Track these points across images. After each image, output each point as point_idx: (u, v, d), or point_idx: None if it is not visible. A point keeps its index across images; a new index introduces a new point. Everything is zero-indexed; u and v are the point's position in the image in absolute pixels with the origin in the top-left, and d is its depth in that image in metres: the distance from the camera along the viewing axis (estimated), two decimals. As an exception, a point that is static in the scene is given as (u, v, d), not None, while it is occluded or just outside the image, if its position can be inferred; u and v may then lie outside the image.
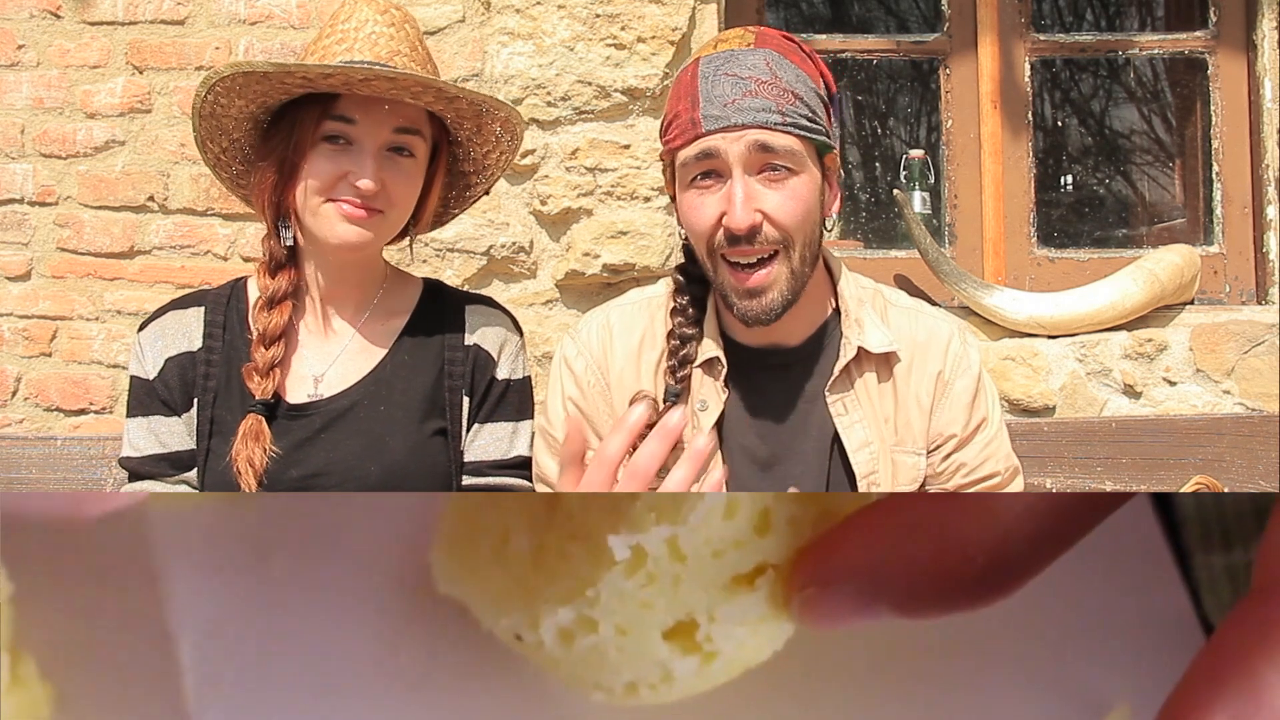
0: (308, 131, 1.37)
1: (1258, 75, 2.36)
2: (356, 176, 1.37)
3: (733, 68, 1.29)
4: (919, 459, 1.38)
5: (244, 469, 1.35)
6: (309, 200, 1.39)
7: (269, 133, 1.43)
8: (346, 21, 1.42)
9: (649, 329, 1.43)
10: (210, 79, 1.36)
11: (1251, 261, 2.37)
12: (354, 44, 1.39)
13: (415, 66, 1.40)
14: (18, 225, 2.28)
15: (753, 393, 1.39)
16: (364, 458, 1.41)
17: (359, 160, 1.37)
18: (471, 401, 1.48)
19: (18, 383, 2.26)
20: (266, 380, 1.40)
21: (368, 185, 1.37)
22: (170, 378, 1.45)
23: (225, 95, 1.38)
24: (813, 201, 1.31)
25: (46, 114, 2.28)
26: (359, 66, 1.33)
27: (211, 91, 1.37)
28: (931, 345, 1.40)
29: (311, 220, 1.41)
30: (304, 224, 1.43)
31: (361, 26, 1.40)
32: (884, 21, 3.16)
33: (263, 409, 1.39)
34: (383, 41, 1.39)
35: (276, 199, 1.42)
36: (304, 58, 1.43)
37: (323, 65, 1.33)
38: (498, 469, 1.48)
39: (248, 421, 1.38)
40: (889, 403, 1.38)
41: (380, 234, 1.43)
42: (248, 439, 1.36)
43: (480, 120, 1.46)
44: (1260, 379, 2.21)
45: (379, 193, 1.38)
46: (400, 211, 1.43)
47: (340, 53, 1.39)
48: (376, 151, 1.38)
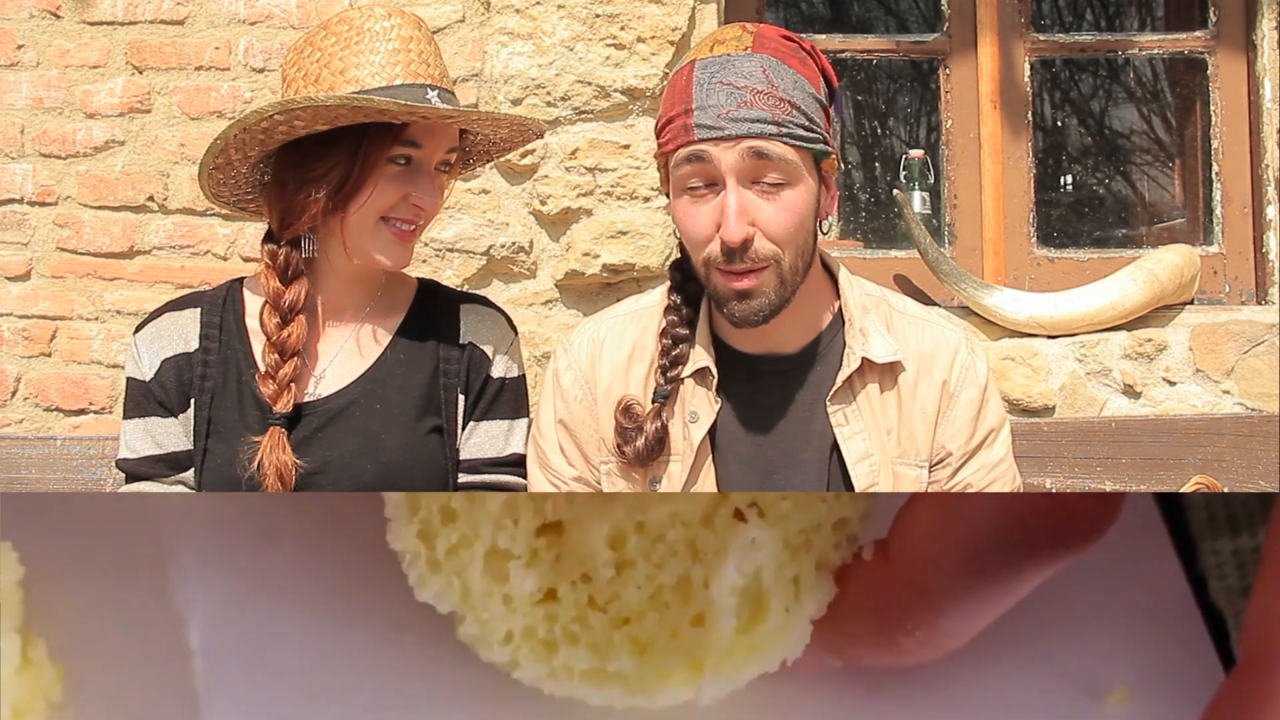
0: (377, 154, 1.38)
1: (1258, 75, 2.36)
2: (417, 197, 1.41)
3: (728, 75, 1.27)
4: (921, 471, 1.35)
5: (274, 484, 1.35)
6: (365, 220, 1.40)
7: (317, 153, 1.39)
8: (387, 38, 1.39)
9: (639, 341, 1.42)
10: (289, 104, 1.33)
11: (1251, 261, 2.37)
12: (410, 63, 1.39)
13: (447, 82, 1.44)
14: (18, 225, 2.28)
15: (750, 401, 1.37)
16: (360, 456, 1.41)
17: (419, 181, 1.41)
18: (467, 400, 1.48)
19: (18, 383, 2.27)
20: (287, 394, 1.39)
21: (432, 206, 1.43)
22: (167, 379, 1.45)
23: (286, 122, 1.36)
24: (807, 212, 1.30)
25: (46, 114, 2.28)
26: (450, 109, 1.38)
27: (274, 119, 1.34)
28: (938, 355, 1.38)
29: (361, 238, 1.41)
30: (347, 240, 1.42)
31: (406, 44, 1.40)
32: (884, 21, 3.15)
33: (285, 423, 1.39)
34: (431, 60, 1.42)
35: (325, 214, 1.40)
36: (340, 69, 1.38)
37: (431, 109, 1.35)
38: (493, 466, 1.48)
39: (272, 436, 1.37)
40: (892, 414, 1.35)
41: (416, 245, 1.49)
42: (277, 451, 1.36)
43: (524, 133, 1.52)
44: (1260, 379, 2.21)
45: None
46: (430, 221, 1.48)
47: (398, 75, 1.38)
48: (433, 171, 1.43)
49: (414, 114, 1.35)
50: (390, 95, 1.36)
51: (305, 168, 1.40)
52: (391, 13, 1.42)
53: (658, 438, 1.34)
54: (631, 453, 1.35)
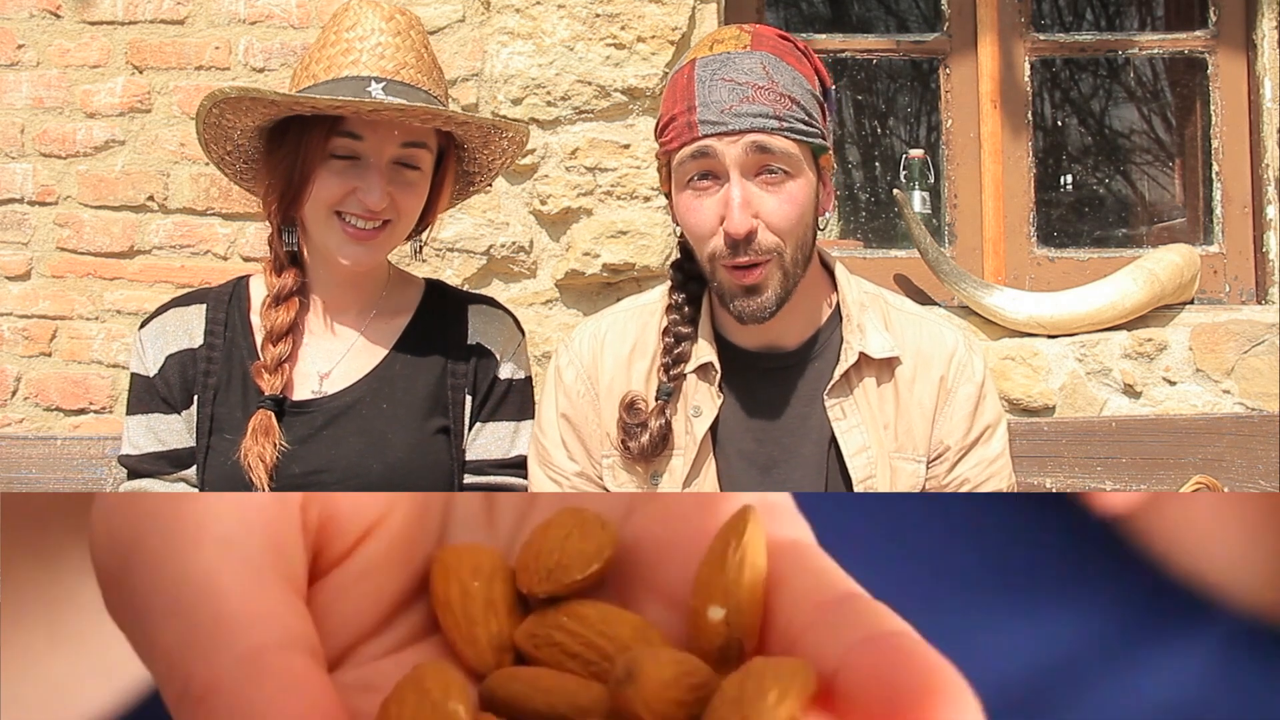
0: (315, 149, 1.38)
1: (1258, 75, 2.36)
2: (365, 194, 1.38)
3: (729, 72, 1.29)
4: (919, 465, 1.37)
5: (254, 464, 1.36)
6: (316, 214, 1.41)
7: (274, 145, 1.43)
8: (351, 30, 1.41)
9: (640, 338, 1.43)
10: (216, 96, 1.37)
11: (1251, 261, 2.37)
12: (360, 56, 1.38)
13: (422, 77, 1.41)
14: (18, 225, 2.28)
15: (749, 396, 1.39)
16: (366, 455, 1.41)
17: (366, 177, 1.38)
18: (473, 401, 1.49)
19: (18, 382, 2.27)
20: (275, 376, 1.40)
21: (377, 203, 1.38)
22: (170, 375, 1.45)
23: (231, 112, 1.39)
24: (808, 204, 1.32)
25: (46, 114, 2.28)
26: (368, 100, 1.34)
27: (217, 107, 1.38)
28: (936, 352, 1.39)
29: (319, 234, 1.42)
30: (310, 233, 1.44)
31: (367, 37, 1.40)
32: (884, 21, 3.16)
33: (272, 405, 1.39)
34: (389, 53, 1.39)
35: (283, 209, 1.42)
36: (307, 64, 1.43)
37: (332, 100, 1.33)
38: (499, 468, 1.48)
39: (258, 417, 1.38)
40: (890, 408, 1.37)
41: (386, 246, 1.45)
42: (258, 434, 1.37)
43: (488, 135, 1.47)
44: (1260, 379, 2.21)
45: (387, 206, 1.40)
46: (406, 222, 1.45)
47: (347, 65, 1.38)
48: (384, 167, 1.39)
49: (298, 104, 1.35)
50: (331, 89, 1.36)
51: (267, 163, 1.44)
52: (370, 8, 1.42)
53: (662, 434, 1.36)
54: (636, 448, 1.36)
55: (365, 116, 1.36)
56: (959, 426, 1.38)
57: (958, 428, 1.38)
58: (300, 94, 1.38)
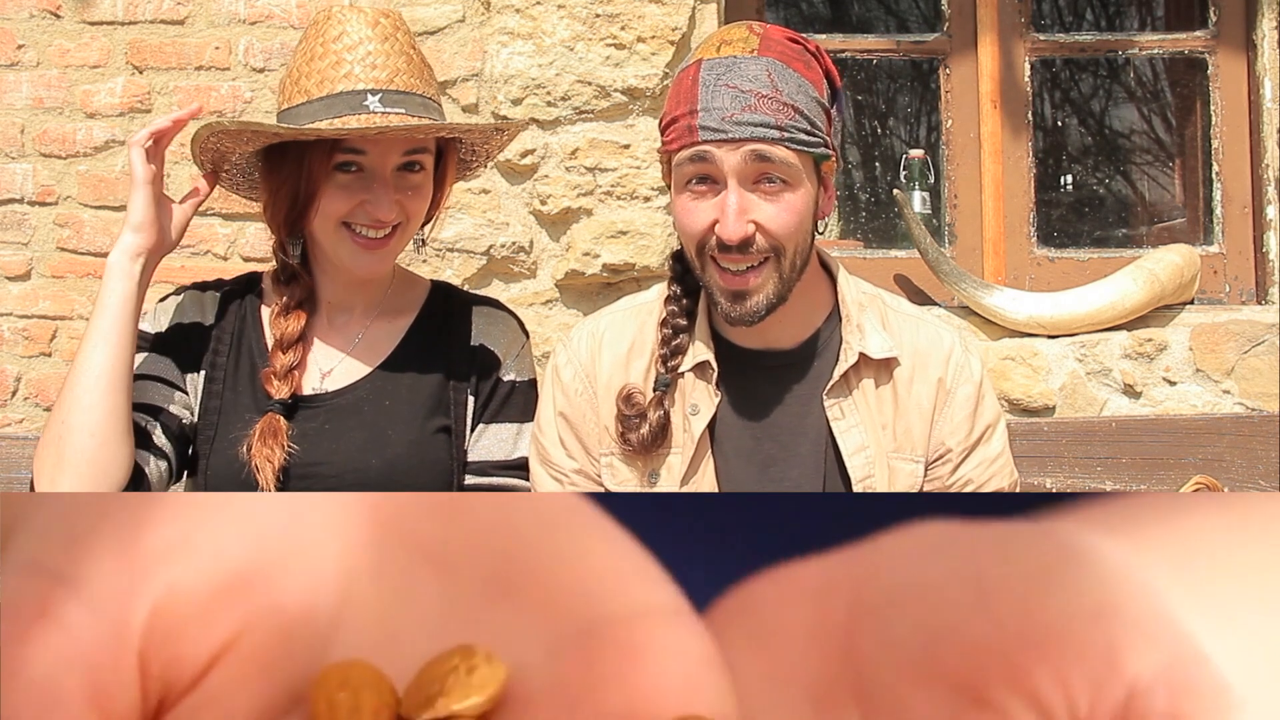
0: (319, 167, 1.38)
1: (1258, 75, 2.36)
2: (374, 206, 1.39)
3: (733, 78, 1.28)
4: (917, 466, 1.37)
5: (262, 465, 1.37)
6: (325, 227, 1.42)
7: (274, 164, 1.43)
8: (338, 41, 1.40)
9: (639, 336, 1.43)
10: (214, 128, 1.37)
11: (1251, 261, 2.37)
12: (352, 68, 1.39)
13: (415, 81, 1.41)
14: (18, 225, 2.28)
15: (747, 395, 1.39)
16: (365, 450, 1.42)
17: (374, 189, 1.39)
18: (476, 401, 1.50)
19: (18, 383, 2.27)
20: (284, 384, 1.42)
21: (387, 214, 1.40)
22: (175, 335, 1.48)
23: (230, 140, 1.40)
24: (806, 212, 1.32)
25: (46, 114, 2.28)
26: (374, 125, 1.35)
27: (214, 136, 1.39)
28: (933, 353, 1.40)
29: (329, 246, 1.44)
30: (319, 245, 1.46)
31: (355, 46, 1.40)
32: (884, 21, 3.16)
33: (281, 409, 1.41)
34: (380, 61, 1.39)
35: (289, 224, 1.44)
36: (297, 79, 1.42)
37: (336, 129, 1.35)
38: (501, 469, 1.49)
39: (266, 420, 1.40)
40: (888, 408, 1.37)
41: (397, 250, 1.47)
42: (266, 437, 1.39)
43: (488, 134, 1.50)
44: (1260, 379, 2.21)
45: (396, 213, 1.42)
46: (415, 223, 1.47)
47: (340, 79, 1.38)
48: (389, 176, 1.40)
49: (301, 135, 1.36)
50: (326, 105, 1.37)
51: (267, 181, 1.45)
52: (354, 14, 1.42)
53: (661, 425, 1.36)
54: (636, 440, 1.37)
55: (371, 138, 1.38)
56: (960, 428, 1.38)
57: (959, 429, 1.38)
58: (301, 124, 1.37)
